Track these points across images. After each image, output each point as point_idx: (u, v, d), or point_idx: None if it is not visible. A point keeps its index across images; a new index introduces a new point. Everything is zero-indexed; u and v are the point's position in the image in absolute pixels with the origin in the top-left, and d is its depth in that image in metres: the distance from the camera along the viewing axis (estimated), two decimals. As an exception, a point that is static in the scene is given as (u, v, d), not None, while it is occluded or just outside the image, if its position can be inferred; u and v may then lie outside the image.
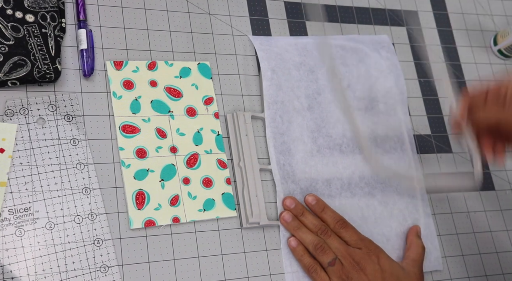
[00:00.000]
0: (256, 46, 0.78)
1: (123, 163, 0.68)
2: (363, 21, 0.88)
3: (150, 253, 0.66)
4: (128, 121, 0.70)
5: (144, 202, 0.67)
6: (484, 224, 0.83)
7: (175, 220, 0.68)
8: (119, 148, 0.68)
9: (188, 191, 0.69)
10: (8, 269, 0.60)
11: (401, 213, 0.77)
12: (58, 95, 0.68)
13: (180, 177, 0.70)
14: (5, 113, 0.65)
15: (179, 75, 0.74)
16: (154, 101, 0.72)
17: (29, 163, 0.64)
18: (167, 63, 0.74)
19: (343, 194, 0.75)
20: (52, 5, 0.69)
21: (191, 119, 0.73)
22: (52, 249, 0.62)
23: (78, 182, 0.65)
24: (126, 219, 0.66)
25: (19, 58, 0.66)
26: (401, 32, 0.90)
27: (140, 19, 0.75)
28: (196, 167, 0.71)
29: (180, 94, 0.73)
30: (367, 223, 0.75)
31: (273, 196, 0.73)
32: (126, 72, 0.72)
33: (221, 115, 0.74)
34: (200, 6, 0.79)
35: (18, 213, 0.62)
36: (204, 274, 0.67)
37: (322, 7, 0.84)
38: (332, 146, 0.77)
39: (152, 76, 0.73)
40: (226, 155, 0.73)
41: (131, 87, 0.71)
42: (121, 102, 0.70)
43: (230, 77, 0.77)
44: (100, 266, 0.63)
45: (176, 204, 0.68)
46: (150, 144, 0.70)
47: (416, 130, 0.85)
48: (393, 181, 0.78)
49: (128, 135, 0.69)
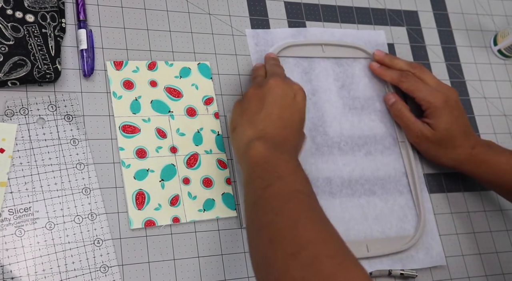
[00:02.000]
0: (250, 48, 0.78)
1: (123, 163, 0.68)
2: (363, 21, 0.88)
3: (150, 253, 0.66)
4: (128, 121, 0.70)
5: (144, 202, 0.67)
6: (484, 224, 0.83)
7: (175, 220, 0.68)
8: (119, 148, 0.68)
9: (188, 191, 0.69)
10: (8, 269, 0.60)
11: (401, 209, 0.77)
12: (58, 95, 0.68)
13: (180, 177, 0.70)
14: (5, 113, 0.65)
15: (179, 75, 0.74)
16: (154, 101, 0.72)
17: (29, 163, 0.64)
18: (167, 63, 0.74)
19: (343, 191, 0.75)
20: (52, 5, 0.69)
21: (191, 119, 0.73)
22: (52, 249, 0.62)
23: (78, 182, 0.65)
24: (126, 219, 0.66)
25: (19, 58, 0.66)
26: (401, 32, 0.90)
27: (140, 19, 0.75)
28: (196, 167, 0.71)
29: (180, 94, 0.73)
30: (367, 220, 0.75)
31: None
32: (126, 72, 0.72)
33: (221, 115, 0.74)
34: (200, 6, 0.79)
35: (18, 213, 0.62)
36: (204, 274, 0.67)
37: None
38: (331, 144, 0.77)
39: (152, 76, 0.73)
40: (226, 155, 0.73)
41: (131, 87, 0.71)
42: (121, 102, 0.70)
43: (230, 77, 0.77)
44: (100, 266, 0.63)
45: (176, 204, 0.68)
46: (150, 144, 0.70)
47: (416, 130, 0.85)
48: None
49: (128, 135, 0.69)
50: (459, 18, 0.95)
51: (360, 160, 0.78)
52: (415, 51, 0.89)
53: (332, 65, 0.81)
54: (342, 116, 0.79)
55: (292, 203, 0.55)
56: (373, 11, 0.89)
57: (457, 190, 0.83)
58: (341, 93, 0.80)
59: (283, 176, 0.58)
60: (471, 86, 0.91)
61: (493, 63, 0.94)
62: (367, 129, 0.80)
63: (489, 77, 0.93)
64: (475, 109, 0.90)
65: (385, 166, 0.79)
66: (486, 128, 0.89)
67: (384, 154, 0.79)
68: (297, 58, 0.80)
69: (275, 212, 0.55)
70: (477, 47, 0.94)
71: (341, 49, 0.83)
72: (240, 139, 0.65)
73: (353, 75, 0.82)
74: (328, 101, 0.79)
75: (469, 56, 0.93)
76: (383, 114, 0.81)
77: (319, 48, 0.81)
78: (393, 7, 0.91)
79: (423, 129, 0.77)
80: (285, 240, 0.52)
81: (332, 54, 0.81)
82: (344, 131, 0.78)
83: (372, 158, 0.78)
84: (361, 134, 0.79)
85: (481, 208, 0.84)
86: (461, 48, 0.93)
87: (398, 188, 0.78)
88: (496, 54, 0.95)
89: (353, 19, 0.87)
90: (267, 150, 0.61)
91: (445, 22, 0.94)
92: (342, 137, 0.78)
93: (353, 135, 0.79)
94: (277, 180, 0.58)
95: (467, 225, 0.82)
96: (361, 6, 0.89)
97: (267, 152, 0.61)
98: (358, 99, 0.81)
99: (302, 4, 0.85)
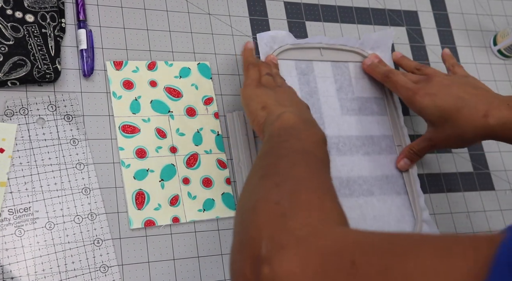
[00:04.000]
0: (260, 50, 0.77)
1: (123, 163, 0.68)
2: (363, 21, 0.88)
3: (150, 253, 0.66)
4: (128, 121, 0.70)
5: (144, 202, 0.67)
6: (484, 224, 0.83)
7: (175, 220, 0.68)
8: (119, 148, 0.68)
9: (188, 191, 0.69)
10: (8, 269, 0.60)
11: (399, 210, 0.77)
12: (58, 95, 0.68)
13: (180, 177, 0.70)
14: (5, 113, 0.65)
15: (179, 75, 0.74)
16: (154, 101, 0.72)
17: (29, 163, 0.64)
18: (167, 63, 0.74)
19: (341, 192, 0.75)
20: (52, 5, 0.69)
21: (191, 119, 0.73)
22: (52, 249, 0.62)
23: (78, 182, 0.65)
24: (126, 219, 0.66)
25: (19, 58, 0.66)
26: (401, 32, 0.90)
27: (140, 19, 0.75)
28: (196, 167, 0.71)
29: (180, 94, 0.73)
30: (365, 220, 0.75)
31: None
32: (126, 72, 0.72)
33: (221, 115, 0.74)
34: (200, 6, 0.79)
35: (18, 213, 0.62)
36: (204, 274, 0.67)
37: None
38: (329, 145, 0.77)
39: (152, 76, 0.73)
40: (226, 155, 0.73)
41: (131, 87, 0.71)
42: (121, 102, 0.70)
43: (230, 77, 0.77)
44: (100, 266, 0.63)
45: (176, 204, 0.68)
46: (150, 144, 0.70)
47: (416, 130, 0.85)
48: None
49: (128, 135, 0.69)
50: (459, 18, 0.95)
51: (358, 160, 0.78)
52: (415, 51, 0.89)
53: (330, 67, 0.81)
54: (340, 118, 0.79)
55: (299, 156, 0.55)
56: (373, 11, 0.89)
57: (457, 190, 0.84)
58: (339, 95, 0.80)
59: (303, 140, 0.58)
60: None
61: (493, 63, 0.94)
62: (365, 130, 0.80)
63: (489, 77, 0.93)
64: (475, 109, 0.90)
65: (383, 166, 0.79)
66: (486, 128, 0.89)
67: (381, 155, 0.79)
68: (295, 60, 0.80)
69: (280, 158, 0.54)
70: (477, 47, 0.94)
71: (339, 53, 0.83)
72: (271, 112, 0.64)
73: (351, 77, 0.82)
74: (326, 102, 0.79)
75: (469, 56, 0.93)
76: (380, 115, 0.82)
77: (318, 52, 0.81)
78: (393, 7, 0.91)
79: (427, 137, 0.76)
80: (276, 175, 0.51)
81: (330, 58, 0.82)
82: (342, 132, 0.78)
83: (370, 158, 0.79)
84: (358, 135, 0.79)
85: (481, 208, 0.84)
86: (461, 48, 0.93)
87: (395, 189, 0.78)
88: (496, 54, 0.95)
89: (353, 19, 0.87)
90: (299, 119, 0.61)
91: (445, 22, 0.94)
92: (340, 138, 0.78)
93: (351, 136, 0.79)
94: (296, 140, 0.57)
95: (467, 225, 0.82)
96: (361, 6, 0.89)
97: (298, 120, 0.61)
98: (356, 101, 0.81)
99: (302, 4, 0.85)
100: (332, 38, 0.82)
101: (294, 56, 0.80)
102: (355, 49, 0.83)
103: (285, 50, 0.79)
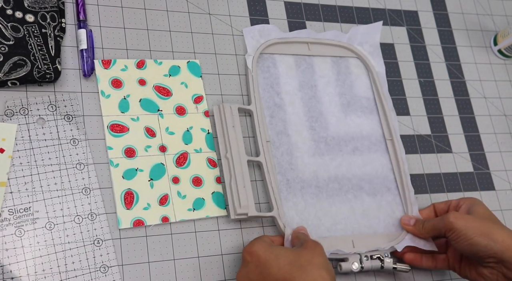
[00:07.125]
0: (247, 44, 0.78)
1: (111, 162, 0.67)
2: (363, 21, 0.88)
3: (150, 253, 0.66)
4: (117, 120, 0.69)
5: (132, 202, 0.67)
6: (484, 224, 0.83)
7: (164, 219, 0.67)
8: (107, 148, 0.68)
9: (177, 190, 0.69)
10: (8, 269, 0.60)
11: (389, 205, 0.77)
12: (58, 95, 0.68)
13: (169, 176, 0.69)
14: (5, 113, 0.65)
15: (168, 74, 0.74)
16: (143, 100, 0.72)
17: (29, 163, 0.64)
18: (156, 62, 0.74)
19: (330, 186, 0.75)
20: (52, 5, 0.69)
21: (181, 118, 0.73)
22: (52, 249, 0.62)
23: (78, 182, 0.65)
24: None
25: (19, 58, 0.66)
26: (401, 32, 0.90)
27: (140, 19, 0.75)
28: (186, 166, 0.71)
29: (169, 92, 0.73)
30: (355, 214, 0.75)
31: (262, 189, 0.72)
32: (114, 70, 0.71)
33: (211, 115, 0.74)
34: (200, 6, 0.79)
35: (18, 213, 0.62)
36: (204, 274, 0.67)
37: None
38: (317, 138, 0.77)
39: (140, 75, 0.72)
40: (216, 153, 0.73)
41: (120, 86, 0.71)
42: (110, 101, 0.70)
43: (230, 77, 0.77)
44: (100, 266, 0.63)
45: (165, 203, 0.68)
46: (139, 143, 0.69)
47: (416, 130, 0.85)
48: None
49: (116, 134, 0.69)
50: (459, 18, 0.95)
51: (347, 155, 0.78)
52: (415, 51, 0.89)
53: (318, 62, 0.82)
54: (328, 112, 0.79)
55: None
56: (373, 11, 0.89)
57: (457, 190, 0.83)
58: (327, 89, 0.81)
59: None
60: (471, 86, 0.91)
61: (493, 63, 0.94)
62: (354, 125, 0.80)
63: (489, 77, 0.93)
64: (475, 109, 0.90)
65: (372, 161, 0.79)
66: (486, 128, 0.89)
67: (371, 150, 0.80)
68: (283, 54, 0.80)
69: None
70: (477, 47, 0.94)
71: (327, 47, 0.83)
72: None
73: (339, 72, 0.82)
74: (314, 97, 0.80)
75: (469, 56, 0.93)
76: (369, 110, 0.82)
77: (305, 46, 0.81)
78: (393, 7, 0.91)
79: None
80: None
81: (317, 52, 0.82)
82: (330, 126, 0.79)
83: (359, 153, 0.79)
84: (347, 129, 0.79)
85: (481, 208, 0.83)
86: (461, 48, 0.93)
87: (385, 184, 0.78)
88: (496, 54, 0.95)
89: (353, 19, 0.87)
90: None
91: (445, 22, 0.94)
92: (329, 132, 0.78)
93: (339, 131, 0.79)
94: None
95: (467, 225, 0.82)
96: (361, 6, 0.89)
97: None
98: (345, 96, 0.81)
99: (302, 4, 0.85)
100: (319, 33, 0.83)
101: (281, 50, 0.80)
102: (343, 43, 0.83)
103: (272, 44, 0.79)
